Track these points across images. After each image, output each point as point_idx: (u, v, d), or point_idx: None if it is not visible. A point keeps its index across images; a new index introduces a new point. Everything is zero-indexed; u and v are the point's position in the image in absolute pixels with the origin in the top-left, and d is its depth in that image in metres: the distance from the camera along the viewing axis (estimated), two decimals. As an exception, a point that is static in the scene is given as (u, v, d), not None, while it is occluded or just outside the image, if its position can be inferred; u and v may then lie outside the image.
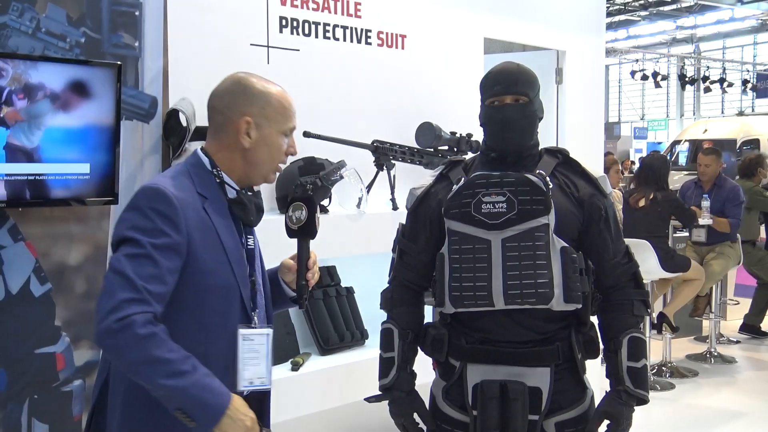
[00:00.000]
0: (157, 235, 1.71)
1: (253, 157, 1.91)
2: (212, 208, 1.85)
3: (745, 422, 4.79)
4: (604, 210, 2.19)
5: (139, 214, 1.73)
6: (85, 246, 2.60)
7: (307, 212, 2.01)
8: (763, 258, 6.60)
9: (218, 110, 1.92)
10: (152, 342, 1.63)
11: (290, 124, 1.95)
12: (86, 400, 2.55)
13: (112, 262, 1.71)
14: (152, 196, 1.75)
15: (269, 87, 1.93)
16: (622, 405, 2.11)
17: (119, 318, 1.61)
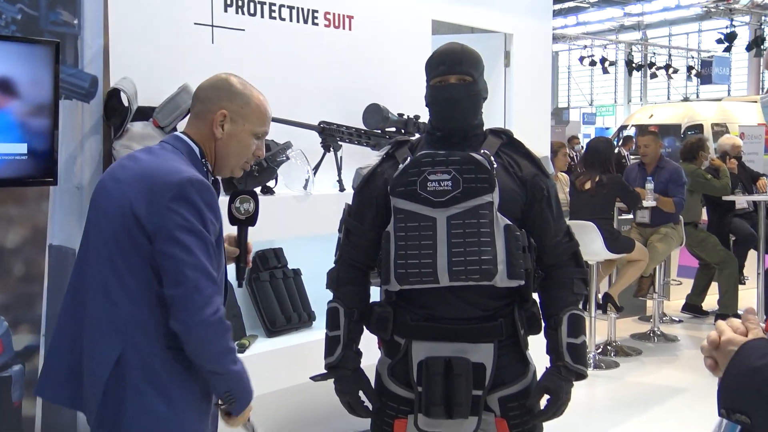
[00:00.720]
0: (209, 224, 1.89)
1: (223, 148, 2.04)
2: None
3: (686, 397, 4.92)
4: (546, 190, 2.22)
5: (191, 206, 1.86)
6: (24, 228, 2.54)
7: (254, 205, 2.17)
8: (704, 239, 6.75)
9: (200, 100, 2.05)
10: (229, 333, 1.90)
11: (263, 128, 2.07)
12: (27, 385, 2.51)
13: (182, 256, 1.82)
14: (200, 188, 1.88)
15: (252, 90, 2.06)
16: (562, 380, 2.15)
17: (213, 312, 1.84)
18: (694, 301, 7.19)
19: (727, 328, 1.37)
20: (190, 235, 1.84)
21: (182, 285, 1.82)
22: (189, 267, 1.83)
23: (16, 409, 2.49)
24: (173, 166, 1.91)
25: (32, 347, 2.52)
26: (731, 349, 1.32)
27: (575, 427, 4.28)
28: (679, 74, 22.91)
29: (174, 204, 1.84)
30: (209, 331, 1.83)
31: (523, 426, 2.18)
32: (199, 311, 1.82)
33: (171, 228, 1.83)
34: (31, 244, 2.55)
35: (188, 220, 1.84)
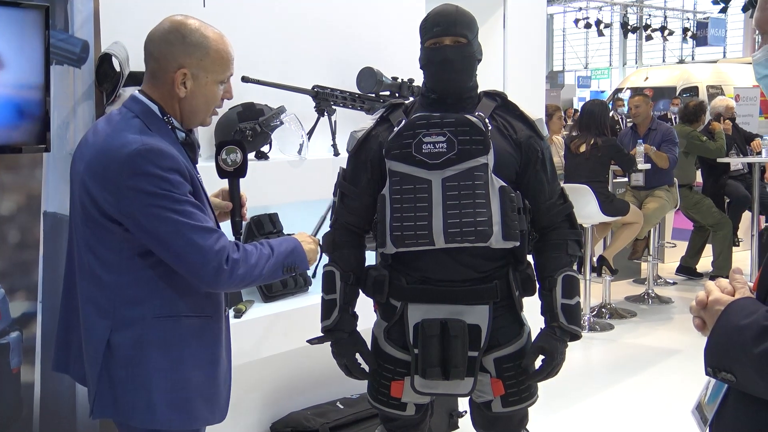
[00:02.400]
0: (177, 185, 1.79)
1: (189, 106, 1.93)
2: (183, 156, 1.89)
3: (680, 358, 4.97)
4: (541, 152, 2.22)
5: (149, 177, 1.77)
6: (18, 195, 2.53)
7: (242, 155, 2.08)
8: (699, 201, 6.77)
9: (154, 57, 1.91)
10: (251, 257, 1.88)
11: (227, 73, 1.95)
12: (24, 352, 2.52)
13: (158, 228, 1.77)
14: (150, 156, 1.78)
15: (207, 35, 1.90)
16: (557, 340, 2.17)
17: (221, 261, 1.81)
18: (688, 263, 7.22)
19: (715, 288, 1.39)
20: (161, 206, 1.77)
21: (182, 259, 1.80)
22: (170, 234, 1.78)
23: (14, 375, 2.50)
24: (123, 138, 1.81)
25: (29, 314, 2.53)
26: (718, 308, 1.34)
27: (570, 389, 4.34)
28: (675, 36, 22.79)
29: (132, 182, 1.77)
30: (233, 278, 1.83)
31: (519, 386, 2.20)
32: (204, 269, 1.80)
33: (140, 208, 1.77)
34: (26, 211, 2.54)
35: (152, 193, 1.76)
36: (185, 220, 1.78)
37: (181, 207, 1.79)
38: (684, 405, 4.20)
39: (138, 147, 1.78)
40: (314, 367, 3.44)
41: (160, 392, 1.85)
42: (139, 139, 1.80)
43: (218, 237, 1.83)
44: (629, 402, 4.29)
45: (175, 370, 1.87)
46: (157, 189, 1.77)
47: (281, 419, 3.30)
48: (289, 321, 3.10)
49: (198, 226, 1.80)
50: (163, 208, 1.77)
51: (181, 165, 1.82)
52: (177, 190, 1.79)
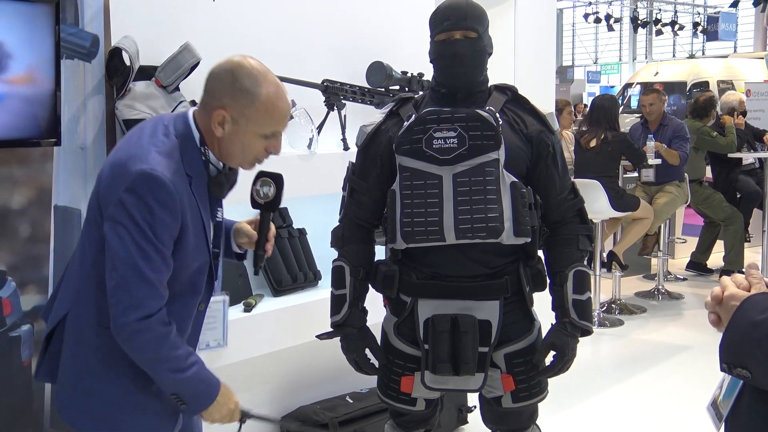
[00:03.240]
0: (159, 224, 1.74)
1: (225, 147, 1.87)
2: (196, 186, 1.86)
3: (690, 355, 4.95)
4: (552, 146, 2.21)
5: (141, 202, 1.74)
6: (29, 189, 2.53)
7: (275, 190, 2.03)
8: (709, 196, 6.73)
9: (206, 88, 1.87)
10: (165, 342, 1.77)
11: (272, 129, 1.87)
12: (35, 345, 2.52)
13: (119, 252, 1.73)
14: (152, 185, 1.74)
15: (260, 85, 1.82)
16: (568, 336, 2.16)
17: (140, 318, 1.73)
18: (698, 258, 7.19)
19: (731, 283, 1.37)
20: (130, 233, 1.73)
21: (113, 278, 1.75)
22: (122, 262, 1.74)
23: (25, 368, 2.51)
24: (144, 154, 1.78)
25: (40, 307, 2.53)
26: (733, 304, 1.32)
27: (580, 384, 4.32)
28: (685, 31, 22.65)
29: (125, 195, 1.75)
30: (138, 340, 1.75)
31: (529, 382, 2.19)
32: (123, 313, 1.73)
33: (116, 216, 1.75)
34: (37, 205, 2.55)
35: (131, 216, 1.73)
36: (139, 261, 1.73)
37: (145, 246, 1.74)
38: (694, 401, 4.18)
39: (146, 169, 1.75)
40: (324, 362, 3.44)
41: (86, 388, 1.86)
42: (154, 162, 1.77)
43: (156, 296, 1.76)
44: (639, 398, 4.28)
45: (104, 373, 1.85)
46: (138, 216, 1.74)
47: (291, 413, 3.31)
48: (299, 315, 3.10)
49: (144, 274, 1.73)
50: (131, 236, 1.74)
51: (176, 204, 1.77)
52: (155, 228, 1.74)
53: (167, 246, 1.77)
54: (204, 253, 1.90)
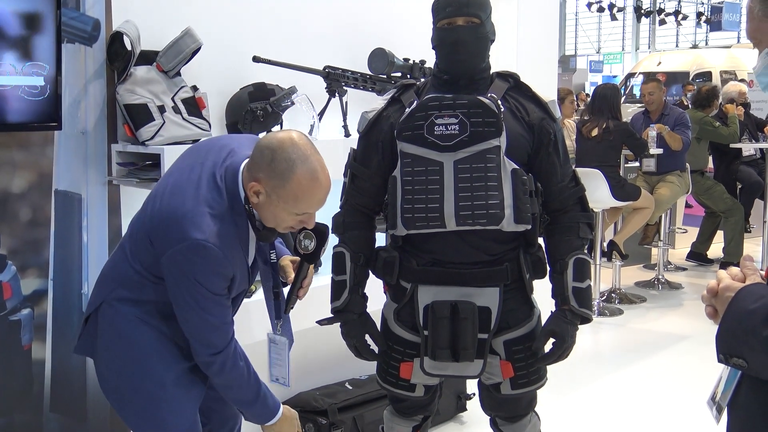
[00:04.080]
0: (214, 284, 1.91)
1: (259, 213, 1.97)
2: (240, 237, 1.98)
3: (690, 344, 4.96)
4: (554, 134, 2.20)
5: (196, 267, 1.87)
6: (29, 173, 2.53)
7: (315, 244, 2.10)
8: (711, 187, 6.73)
9: (251, 155, 1.95)
10: (235, 382, 2.02)
11: (302, 209, 1.95)
12: (36, 329, 2.53)
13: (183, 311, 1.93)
14: (207, 255, 1.86)
15: (295, 170, 1.88)
16: (568, 323, 2.16)
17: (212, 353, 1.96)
18: (699, 249, 7.19)
19: (726, 275, 1.39)
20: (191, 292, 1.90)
21: (186, 328, 1.96)
22: (189, 319, 1.94)
23: (26, 352, 2.52)
24: (198, 216, 1.88)
25: (40, 291, 2.54)
26: (728, 295, 1.33)
27: (579, 373, 4.34)
28: (689, 21, 22.60)
29: (179, 256, 1.87)
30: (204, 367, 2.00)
31: (528, 369, 2.20)
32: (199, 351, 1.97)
33: (171, 270, 1.90)
34: (37, 189, 2.55)
35: (185, 273, 1.88)
36: (203, 314, 1.93)
37: (204, 303, 1.91)
38: (693, 390, 4.19)
39: (201, 240, 1.86)
40: (323, 349, 3.44)
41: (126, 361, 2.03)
42: (207, 231, 1.87)
43: (223, 335, 1.98)
44: (638, 386, 4.29)
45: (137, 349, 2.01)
46: (191, 275, 1.88)
47: (290, 399, 3.31)
48: (299, 302, 3.10)
49: (209, 321, 1.94)
50: (193, 298, 1.90)
51: (228, 270, 1.92)
52: (209, 286, 1.90)
53: (223, 293, 1.95)
54: (244, 284, 2.06)
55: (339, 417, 3.20)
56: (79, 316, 2.63)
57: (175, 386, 2.01)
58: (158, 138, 2.64)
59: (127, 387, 2.02)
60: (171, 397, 2.01)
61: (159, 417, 2.01)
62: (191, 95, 2.79)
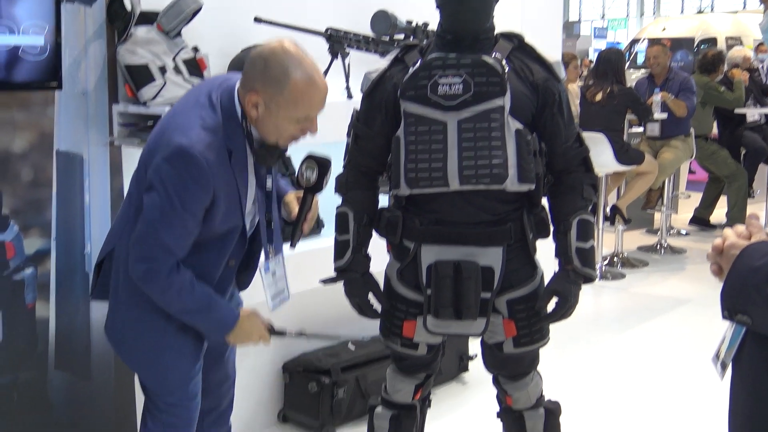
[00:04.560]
0: (188, 196, 1.88)
1: (259, 128, 1.97)
2: (236, 160, 1.97)
3: (690, 307, 4.98)
4: (558, 94, 2.19)
5: (175, 174, 1.87)
6: (30, 133, 2.52)
7: (317, 175, 2.10)
8: (715, 152, 6.70)
9: (243, 70, 1.95)
10: (172, 289, 1.94)
11: (303, 114, 1.94)
12: (39, 288, 2.54)
13: (146, 212, 1.91)
14: (188, 160, 1.86)
15: (290, 73, 1.88)
16: (571, 283, 2.17)
17: (146, 269, 1.92)
18: (702, 214, 7.19)
19: (732, 233, 1.39)
20: (161, 197, 1.88)
21: (136, 231, 1.94)
22: (146, 221, 1.91)
23: (30, 311, 2.53)
24: (187, 126, 1.90)
25: (43, 251, 2.55)
26: (734, 252, 1.34)
27: (580, 335, 4.37)
28: (695, -15, 22.32)
29: (163, 163, 1.88)
30: (142, 284, 1.95)
31: (531, 327, 2.20)
32: (134, 263, 1.93)
33: (152, 181, 1.90)
34: (38, 150, 2.54)
35: (165, 184, 1.88)
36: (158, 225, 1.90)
37: (169, 213, 1.89)
38: (694, 353, 4.22)
39: (185, 145, 1.87)
40: (326, 310, 3.46)
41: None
42: (195, 139, 1.88)
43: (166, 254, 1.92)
44: (639, 349, 4.32)
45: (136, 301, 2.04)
46: (170, 186, 1.88)
47: (293, 359, 3.34)
48: (301, 263, 3.11)
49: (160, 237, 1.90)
50: (160, 202, 1.89)
51: (207, 180, 1.89)
52: (183, 199, 1.88)
53: (193, 214, 1.91)
54: (236, 219, 2.02)
55: (342, 377, 3.23)
56: (83, 276, 2.64)
57: (176, 335, 2.05)
58: (159, 99, 2.62)
59: (131, 333, 2.07)
60: (173, 346, 2.05)
61: (162, 363, 2.07)
62: (192, 56, 2.77)
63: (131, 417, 2.82)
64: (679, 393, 3.71)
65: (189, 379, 2.12)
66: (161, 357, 2.07)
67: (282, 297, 2.24)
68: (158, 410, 2.12)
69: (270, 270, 2.18)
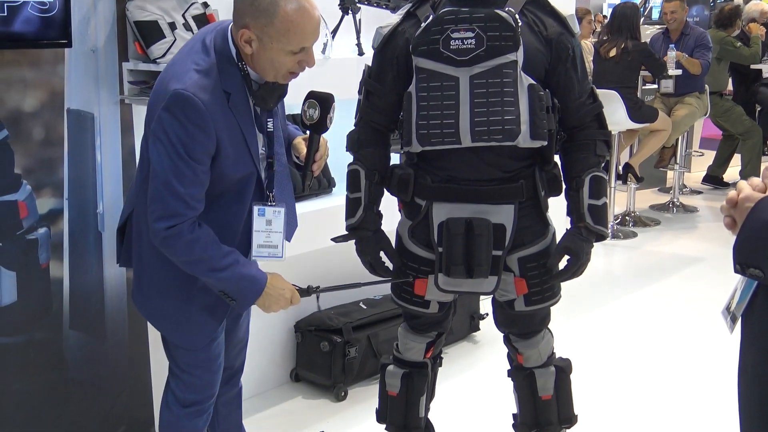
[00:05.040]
0: (191, 142, 1.86)
1: (255, 64, 1.93)
2: (236, 103, 1.94)
3: (702, 266, 4.96)
4: (572, 49, 2.15)
5: (175, 121, 1.85)
6: (40, 92, 2.51)
7: (319, 112, 2.07)
8: (729, 109, 6.63)
9: (234, 7, 1.91)
10: (197, 245, 1.89)
11: (297, 45, 1.89)
12: (53, 248, 2.55)
13: (154, 165, 1.89)
14: (185, 105, 1.84)
15: (280, 2, 1.84)
16: (583, 240, 2.15)
17: (169, 226, 1.87)
18: (715, 172, 7.14)
19: (747, 185, 1.36)
20: (165, 147, 1.86)
21: (150, 190, 1.91)
22: (157, 176, 1.88)
23: (44, 270, 2.54)
24: (182, 72, 1.88)
25: (56, 210, 2.55)
26: (748, 205, 1.32)
27: (592, 294, 4.37)
28: (711, -61, 21.88)
29: (162, 113, 1.86)
30: (165, 243, 1.90)
31: (542, 285, 2.20)
32: (155, 222, 1.89)
33: (155, 132, 1.88)
34: (49, 108, 2.53)
35: (167, 133, 1.85)
36: (170, 177, 1.86)
37: (178, 162, 1.86)
38: (706, 311, 4.22)
39: (180, 90, 1.84)
40: (337, 268, 3.47)
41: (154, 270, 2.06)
42: (190, 82, 1.86)
43: (185, 207, 1.88)
44: (651, 307, 4.32)
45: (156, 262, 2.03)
46: (172, 134, 1.85)
47: (305, 318, 3.36)
48: (313, 222, 3.11)
49: (175, 188, 1.86)
50: (166, 152, 1.86)
51: (208, 123, 1.86)
52: (187, 146, 1.85)
53: (200, 162, 1.88)
54: (247, 164, 1.99)
55: (354, 336, 3.25)
56: (96, 235, 2.65)
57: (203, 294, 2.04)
58: (169, 56, 2.59)
59: (156, 293, 2.07)
60: (200, 304, 2.05)
61: (189, 321, 2.07)
62: (202, 12, 2.74)
63: (145, 376, 2.85)
64: (690, 351, 3.71)
65: (213, 339, 2.13)
66: (188, 316, 2.06)
67: (271, 251, 2.15)
68: (182, 371, 2.13)
69: (264, 215, 2.10)
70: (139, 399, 2.86)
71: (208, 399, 2.17)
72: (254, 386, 3.19)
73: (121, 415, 2.82)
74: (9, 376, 2.51)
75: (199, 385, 2.14)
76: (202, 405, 2.16)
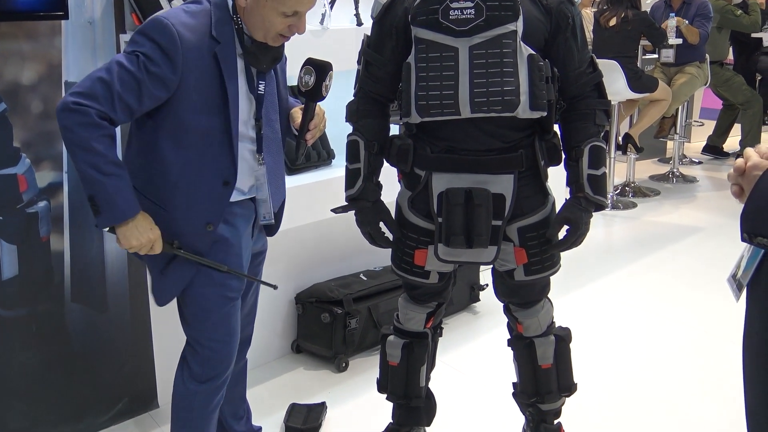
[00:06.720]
0: (152, 63, 1.85)
1: (247, 19, 1.95)
2: (224, 53, 1.94)
3: (702, 236, 4.97)
4: (572, 18, 2.14)
5: (145, 40, 1.86)
6: (38, 65, 2.50)
7: (315, 79, 2.08)
8: (730, 78, 6.60)
9: None
10: (95, 133, 1.82)
11: (291, 8, 1.92)
12: (53, 221, 2.55)
13: (111, 61, 1.87)
14: (158, 28, 1.86)
15: None
16: (582, 210, 2.16)
17: (80, 102, 1.81)
18: (715, 142, 7.13)
19: (754, 153, 1.35)
20: (127, 53, 1.87)
21: (87, 77, 1.87)
22: (105, 65, 1.87)
23: (44, 244, 2.55)
24: (169, 11, 1.91)
25: (56, 184, 2.55)
26: (756, 174, 1.31)
27: (592, 264, 4.38)
28: None
29: (135, 34, 1.89)
30: (65, 115, 1.82)
31: (542, 255, 2.21)
32: (71, 92, 1.84)
33: (126, 48, 1.91)
34: (47, 81, 2.51)
35: (134, 46, 1.87)
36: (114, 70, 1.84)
37: (128, 66, 1.84)
38: (705, 280, 4.23)
39: (159, 16, 1.87)
40: (338, 240, 3.48)
41: None
42: (172, 16, 1.88)
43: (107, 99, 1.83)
44: (651, 277, 4.33)
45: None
46: (138, 48, 1.87)
47: (305, 290, 3.37)
48: (313, 193, 3.11)
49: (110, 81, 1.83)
50: (125, 56, 1.88)
51: (176, 53, 1.85)
52: (147, 64, 1.85)
53: (154, 87, 1.86)
54: (216, 117, 1.96)
55: (354, 307, 3.26)
56: (96, 208, 2.65)
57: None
58: (166, 27, 2.58)
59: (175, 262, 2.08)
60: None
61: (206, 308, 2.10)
62: (199, -17, 2.72)
63: (147, 348, 2.87)
64: (690, 319, 3.73)
65: (232, 314, 2.14)
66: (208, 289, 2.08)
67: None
68: (200, 346, 2.14)
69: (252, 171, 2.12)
70: (142, 371, 2.88)
71: (224, 372, 2.19)
72: (256, 358, 3.21)
73: (124, 386, 2.84)
74: (12, 349, 2.53)
75: (216, 359, 2.16)
76: (217, 380, 2.18)
